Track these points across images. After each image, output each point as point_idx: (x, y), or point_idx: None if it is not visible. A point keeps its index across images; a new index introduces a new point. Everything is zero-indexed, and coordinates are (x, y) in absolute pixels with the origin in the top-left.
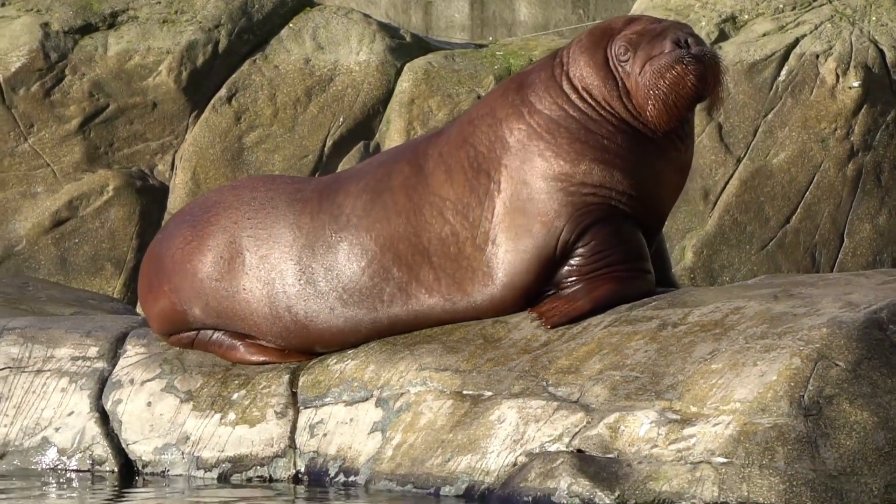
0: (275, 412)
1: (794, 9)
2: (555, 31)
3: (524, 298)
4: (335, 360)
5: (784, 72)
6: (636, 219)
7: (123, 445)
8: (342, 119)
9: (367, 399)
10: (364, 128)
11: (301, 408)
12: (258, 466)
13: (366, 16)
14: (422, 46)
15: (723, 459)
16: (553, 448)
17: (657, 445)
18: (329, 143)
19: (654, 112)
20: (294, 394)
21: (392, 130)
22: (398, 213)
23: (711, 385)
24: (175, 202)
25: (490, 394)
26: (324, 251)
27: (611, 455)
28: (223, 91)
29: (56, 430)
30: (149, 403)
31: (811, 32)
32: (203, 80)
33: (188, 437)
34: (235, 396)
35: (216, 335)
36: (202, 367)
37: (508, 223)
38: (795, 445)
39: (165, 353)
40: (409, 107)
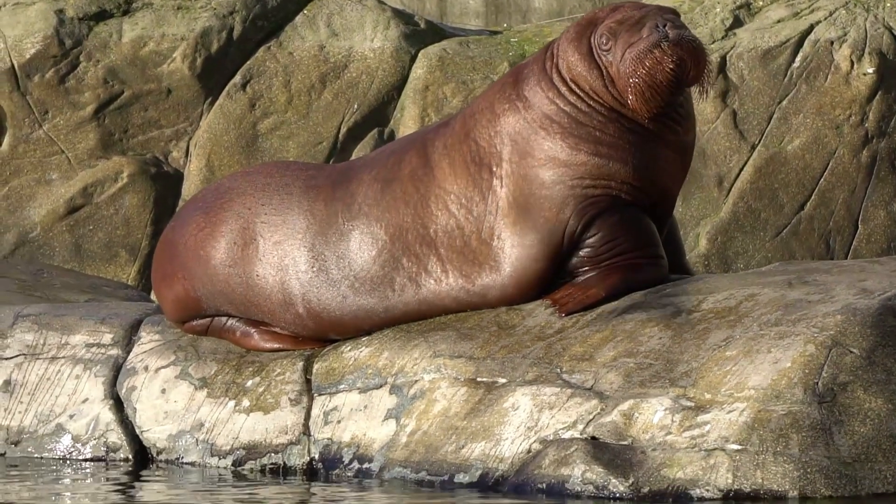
0: (289, 399)
1: None
2: (569, 18)
3: (533, 290)
4: (349, 348)
5: (798, 58)
6: (642, 205)
7: (138, 432)
8: (356, 106)
9: (382, 386)
10: (378, 114)
11: (315, 395)
12: (272, 454)
13: (380, 2)
14: (436, 33)
15: (737, 446)
16: (567, 435)
17: (671, 432)
18: (343, 130)
19: (635, 99)
20: (308, 381)
21: (406, 117)
22: (406, 204)
23: (725, 372)
24: (189, 189)
25: (504, 381)
26: (336, 239)
27: (625, 442)
28: (238, 78)
29: (70, 418)
30: (163, 390)
31: (826, 19)
32: (218, 67)
33: (202, 424)
34: (249, 384)
35: (230, 322)
36: (216, 355)
37: (513, 218)
38: (809, 432)
39: (180, 341)
40: (424, 93)
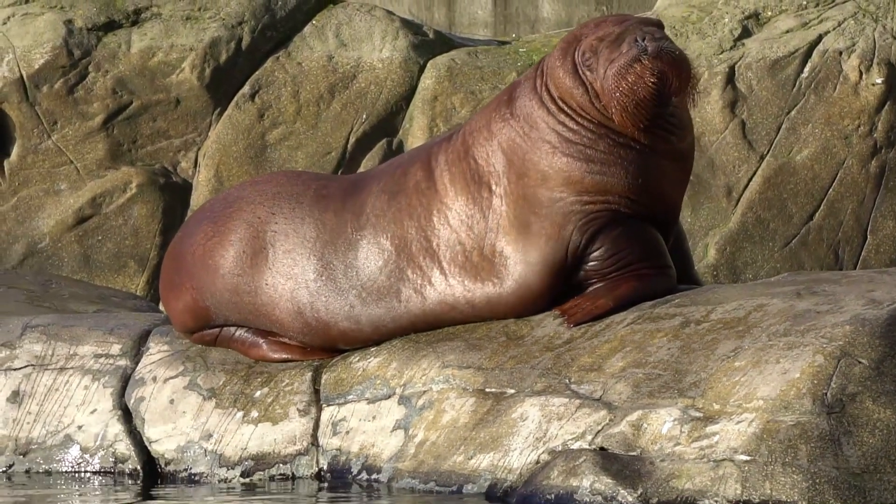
0: (297, 410)
1: (818, 5)
2: None
3: (538, 306)
4: (358, 358)
5: (807, 69)
6: (644, 216)
7: (146, 443)
8: (365, 116)
9: (390, 397)
10: (387, 125)
11: (324, 405)
12: (281, 464)
13: (389, 13)
14: (445, 43)
15: (746, 457)
16: (576, 446)
17: (680, 443)
18: (352, 141)
19: (620, 115)
20: (317, 391)
21: (415, 127)
22: (410, 216)
23: (734, 382)
24: (198, 199)
25: (513, 391)
26: (345, 248)
27: (633, 453)
28: (246, 88)
29: (79, 428)
30: (171, 401)
31: (834, 29)
32: (226, 77)
33: (211, 435)
34: (258, 394)
35: (239, 332)
36: (225, 365)
37: (514, 236)
38: (818, 443)
39: (188, 351)
40: (433, 104)
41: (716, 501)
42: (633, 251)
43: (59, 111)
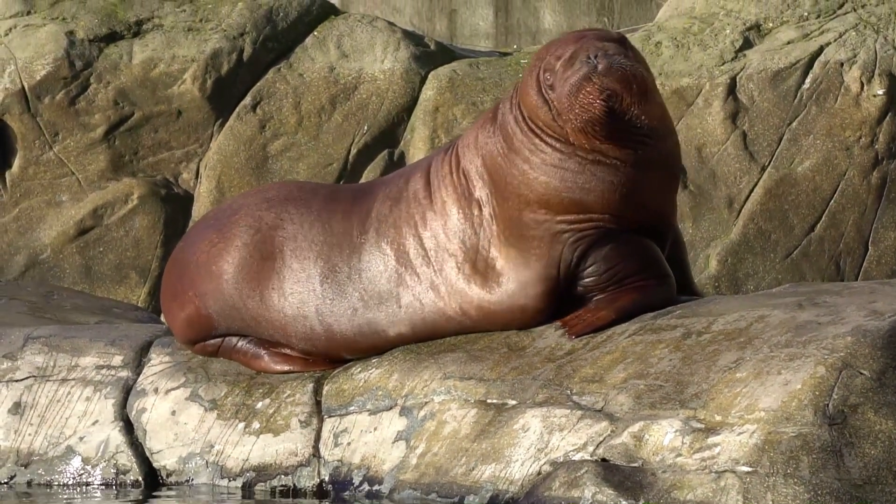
0: (299, 421)
1: (819, 17)
2: None
3: (534, 321)
4: (359, 369)
5: (808, 80)
6: (633, 227)
7: (148, 454)
8: (366, 127)
9: (392, 408)
10: (388, 136)
11: (325, 417)
12: (282, 475)
13: (390, 24)
14: (446, 54)
15: (747, 468)
16: (577, 457)
17: (681, 454)
18: (353, 152)
19: (574, 134)
20: (318, 403)
21: (416, 139)
22: (408, 224)
23: (736, 394)
24: (200, 210)
25: (514, 402)
26: (349, 252)
27: (635, 464)
28: (248, 99)
29: (80, 440)
30: (173, 412)
31: (835, 40)
32: (228, 89)
33: (212, 446)
34: (260, 405)
35: (241, 343)
36: (226, 376)
37: (506, 255)
38: (820, 454)
39: (190, 362)
40: (434, 115)
41: None
42: (628, 264)
43: (61, 122)
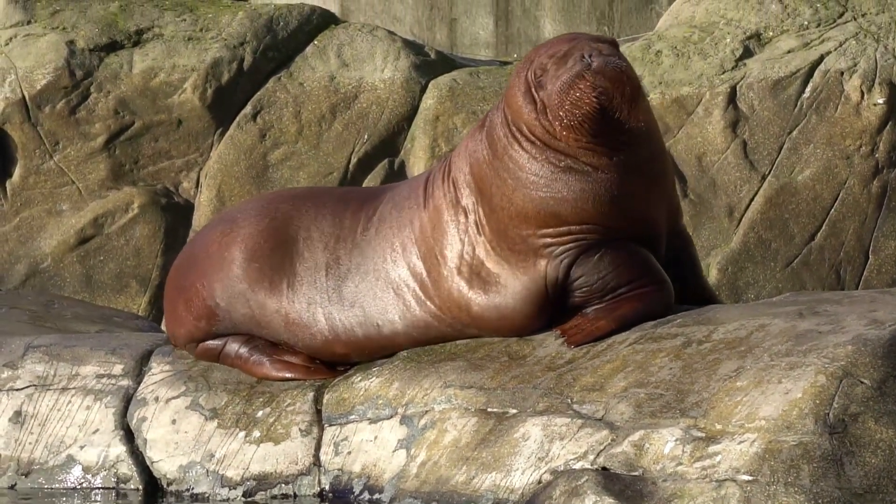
0: (299, 430)
1: (819, 26)
2: None
3: (525, 332)
4: (360, 378)
5: (809, 89)
6: (619, 235)
7: (148, 463)
8: (367, 136)
9: (392, 416)
10: (389, 145)
11: (326, 425)
12: (283, 484)
13: (390, 33)
14: (446, 63)
15: (748, 477)
16: (578, 466)
17: (682, 463)
18: (354, 161)
19: (563, 131)
20: (319, 411)
21: (417, 147)
22: (403, 227)
23: (736, 402)
24: (200, 219)
25: (515, 411)
26: (350, 247)
27: (636, 473)
28: (248, 108)
29: (81, 448)
30: (173, 421)
31: (836, 49)
32: (228, 98)
33: (213, 455)
34: (260, 414)
35: (242, 349)
36: (227, 385)
37: (491, 266)
38: (820, 463)
39: (190, 371)
40: (434, 124)
41: None
42: (620, 273)
43: (61, 132)
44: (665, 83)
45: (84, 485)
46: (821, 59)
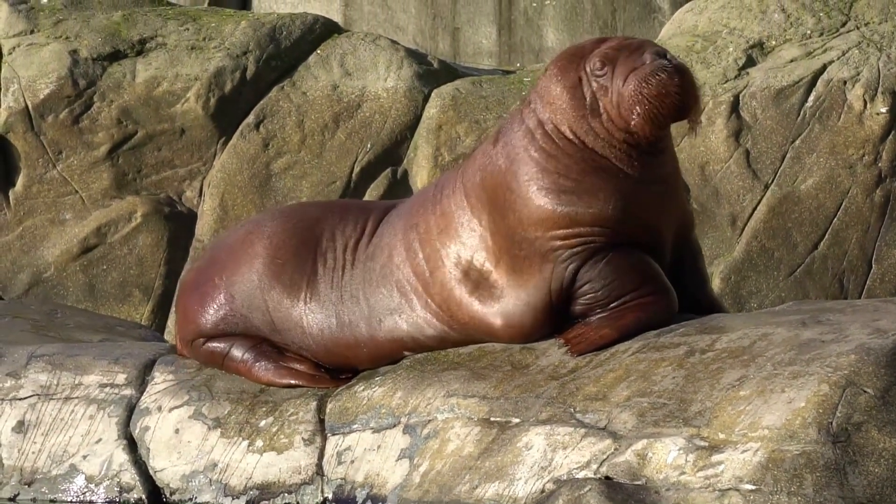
0: (302, 439)
1: (822, 35)
2: None
3: (530, 339)
4: (363, 387)
5: (811, 98)
6: (625, 243)
7: (151, 472)
8: (370, 145)
9: (395, 426)
10: (392, 154)
11: (328, 435)
12: (286, 493)
13: (393, 42)
14: (449, 73)
15: (751, 486)
16: (581, 475)
17: (685, 472)
18: (357, 170)
19: (639, 120)
20: (321, 421)
21: (420, 157)
22: (413, 230)
23: (739, 412)
24: (203, 228)
25: (518, 420)
26: (363, 249)
27: (639, 482)
28: (251, 117)
29: (84, 458)
30: (177, 430)
31: (839, 58)
32: (231, 107)
33: (216, 465)
34: (263, 423)
35: (247, 354)
36: (230, 394)
37: (500, 273)
38: (824, 472)
39: (193, 380)
40: (437, 133)
41: None
42: (625, 280)
43: (64, 141)
44: None
45: (87, 494)
46: (824, 69)
